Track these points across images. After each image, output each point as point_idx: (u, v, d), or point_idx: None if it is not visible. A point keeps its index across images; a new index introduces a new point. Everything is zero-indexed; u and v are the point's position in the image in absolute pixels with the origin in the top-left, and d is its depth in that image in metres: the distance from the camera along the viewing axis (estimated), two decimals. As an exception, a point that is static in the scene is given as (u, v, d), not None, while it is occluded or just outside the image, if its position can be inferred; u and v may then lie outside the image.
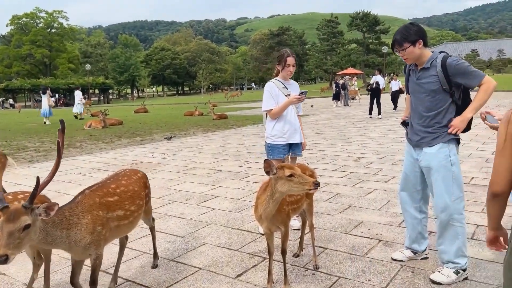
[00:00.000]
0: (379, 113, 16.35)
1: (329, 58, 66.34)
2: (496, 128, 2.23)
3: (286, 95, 4.10)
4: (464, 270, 3.03)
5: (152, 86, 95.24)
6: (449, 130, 3.00)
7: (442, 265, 3.12)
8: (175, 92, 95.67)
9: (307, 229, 3.57)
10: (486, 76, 2.96)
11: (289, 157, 3.73)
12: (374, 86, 16.61)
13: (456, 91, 3.02)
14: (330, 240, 3.92)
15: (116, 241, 3.26)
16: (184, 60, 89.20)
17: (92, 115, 23.12)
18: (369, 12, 63.07)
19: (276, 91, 4.11)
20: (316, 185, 2.54)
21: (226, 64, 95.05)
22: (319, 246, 3.75)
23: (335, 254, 3.59)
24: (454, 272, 3.00)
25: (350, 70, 49.33)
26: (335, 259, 3.48)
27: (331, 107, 23.83)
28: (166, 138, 12.01)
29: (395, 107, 18.82)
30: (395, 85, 18.84)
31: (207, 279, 3.23)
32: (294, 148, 4.23)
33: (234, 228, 4.33)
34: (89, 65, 56.48)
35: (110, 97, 75.45)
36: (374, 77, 17.47)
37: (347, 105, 24.35)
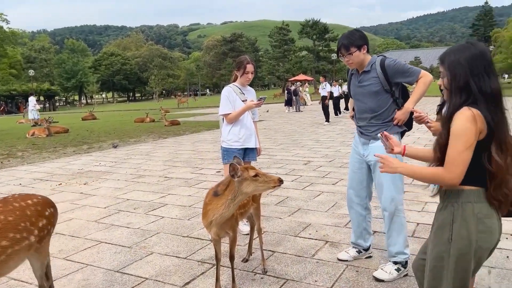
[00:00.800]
0: (327, 120, 16.41)
1: (281, 64, 67.41)
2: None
3: (243, 101, 4.14)
4: (404, 267, 3.16)
5: (101, 93, 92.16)
6: (394, 122, 3.19)
7: (386, 262, 3.25)
8: (126, 99, 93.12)
9: (255, 234, 3.58)
10: (422, 71, 3.17)
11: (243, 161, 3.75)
12: (334, 94, 18.12)
13: (396, 91, 3.21)
14: (279, 243, 3.96)
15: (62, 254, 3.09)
16: (135, 66, 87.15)
17: (35, 124, 21.96)
18: (319, 20, 64.92)
19: (234, 96, 4.14)
20: (281, 182, 2.61)
21: (179, 69, 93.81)
22: (268, 250, 3.77)
23: (284, 257, 3.63)
24: (396, 269, 3.13)
25: (302, 77, 50.45)
26: (284, 262, 3.51)
27: (284, 113, 24.18)
28: (113, 146, 11.63)
29: (336, 113, 19.40)
30: (335, 91, 19.38)
31: (153, 289, 3.15)
32: (249, 153, 4.26)
33: (183, 236, 4.26)
34: (32, 70, 53.54)
35: (57, 104, 72.10)
36: (325, 84, 17.69)
37: (299, 111, 24.81)
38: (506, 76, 58.49)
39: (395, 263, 3.17)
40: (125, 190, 6.35)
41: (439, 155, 1.89)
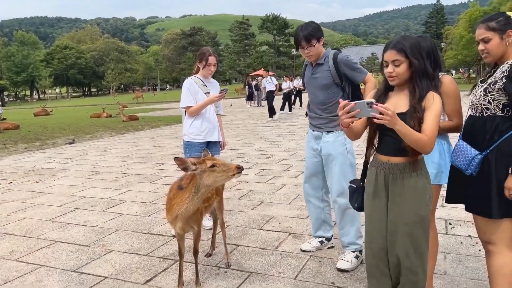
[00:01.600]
0: (271, 116, 15.69)
1: (242, 59, 67.41)
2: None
3: (205, 93, 4.03)
4: (361, 253, 3.24)
5: (54, 87, 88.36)
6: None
7: (344, 252, 3.30)
8: (81, 94, 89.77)
9: (219, 228, 3.53)
10: (368, 74, 3.26)
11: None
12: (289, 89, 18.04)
13: (346, 86, 3.26)
14: (243, 236, 3.93)
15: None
16: (90, 60, 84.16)
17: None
18: (279, 16, 65.32)
19: (195, 88, 4.03)
20: (240, 169, 2.53)
21: (137, 64, 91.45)
22: (232, 244, 3.74)
23: (247, 250, 3.61)
24: (355, 257, 3.20)
25: (263, 72, 50.60)
26: (247, 255, 3.49)
27: (245, 108, 24.17)
28: (69, 143, 11.20)
29: (290, 109, 18.92)
30: (286, 86, 18.87)
31: (113, 288, 3.03)
32: (212, 146, 4.15)
33: (143, 233, 4.14)
34: (-23, 63, 50.56)
35: (6, 99, 68.41)
36: (271, 78, 17.26)
37: (261, 105, 24.88)
38: (454, 72, 61.37)
39: (353, 251, 3.24)
40: (82, 188, 6.10)
41: (418, 129, 2.06)
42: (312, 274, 3.12)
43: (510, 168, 2.09)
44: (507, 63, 2.18)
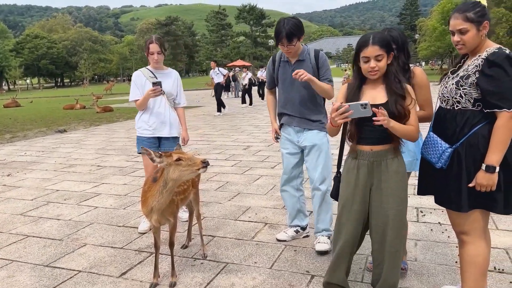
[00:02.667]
0: (219, 110, 14.94)
1: (219, 50, 66.91)
2: None
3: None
4: (329, 238, 3.39)
5: (25, 78, 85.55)
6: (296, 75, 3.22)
7: (317, 238, 3.40)
8: (54, 84, 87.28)
9: (195, 220, 3.53)
10: (332, 83, 3.31)
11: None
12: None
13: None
14: (219, 227, 3.94)
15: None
16: (63, 49, 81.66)
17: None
18: (255, 6, 64.95)
19: (142, 81, 3.85)
20: (205, 163, 2.51)
21: (111, 54, 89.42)
22: (208, 235, 3.75)
23: (224, 241, 3.62)
24: (327, 237, 3.35)
25: (240, 62, 50.31)
26: (224, 246, 3.51)
27: (222, 98, 24.00)
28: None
29: (250, 102, 18.18)
30: (246, 78, 18.39)
31: (87, 281, 3.00)
32: (164, 142, 3.95)
33: (118, 226, 4.10)
34: None
35: (-27, 90, 65.85)
36: (218, 69, 15.49)
37: (238, 96, 24.79)
38: (424, 63, 62.43)
39: (326, 236, 3.39)
40: (55, 181, 5.97)
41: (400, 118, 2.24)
42: (288, 263, 3.16)
43: (482, 164, 2.09)
44: (479, 56, 2.12)
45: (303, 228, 3.62)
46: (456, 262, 3.02)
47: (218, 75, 15.05)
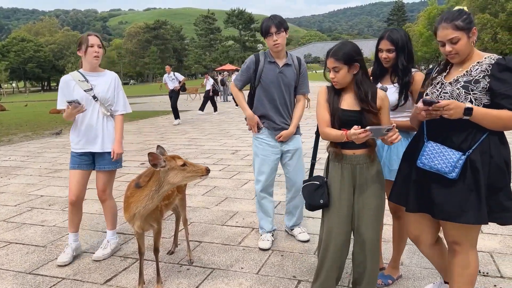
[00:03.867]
0: (176, 117, 13.74)
1: (208, 54, 66.91)
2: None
3: (86, 91, 3.29)
4: None
5: (11, 82, 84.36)
6: (276, 137, 3.45)
7: (294, 229, 3.68)
8: (40, 88, 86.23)
9: (181, 225, 3.50)
10: (306, 96, 3.48)
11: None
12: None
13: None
14: (206, 233, 3.91)
15: None
16: (50, 53, 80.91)
17: None
18: (244, 10, 65.12)
19: (71, 87, 3.30)
20: (208, 171, 2.57)
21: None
22: (195, 240, 3.72)
23: (210, 246, 3.60)
24: (304, 227, 3.72)
25: (228, 66, 50.39)
26: (210, 252, 3.48)
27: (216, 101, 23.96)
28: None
29: (215, 109, 17.14)
30: (208, 85, 17.25)
31: (71, 289, 2.95)
32: (97, 158, 3.42)
33: (104, 232, 4.03)
34: None
35: (-43, 94, 64.64)
36: (173, 74, 13.58)
37: (226, 101, 24.79)
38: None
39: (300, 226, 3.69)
40: (39, 186, 5.87)
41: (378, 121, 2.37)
42: (274, 268, 3.15)
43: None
44: (480, 62, 2.10)
45: (274, 230, 3.72)
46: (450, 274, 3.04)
47: (173, 80, 13.38)
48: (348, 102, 2.36)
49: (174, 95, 13.58)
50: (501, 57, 2.09)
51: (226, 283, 2.95)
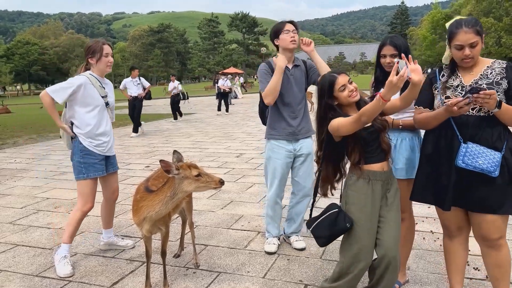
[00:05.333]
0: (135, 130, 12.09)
1: (212, 57, 67.03)
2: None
3: (102, 97, 3.40)
4: None
5: (15, 84, 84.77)
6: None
7: (298, 236, 3.63)
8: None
9: (187, 228, 3.51)
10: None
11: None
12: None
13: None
14: (212, 236, 3.92)
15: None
16: (54, 56, 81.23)
17: None
18: (248, 14, 65.26)
19: (90, 89, 3.34)
20: (222, 183, 2.55)
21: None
22: (201, 244, 3.72)
23: (216, 250, 3.60)
24: (301, 236, 3.68)
25: (232, 70, 50.45)
26: (216, 255, 3.49)
27: (215, 106, 24.02)
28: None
29: (176, 116, 15.40)
30: (172, 87, 15.09)
31: (78, 292, 2.96)
32: (110, 161, 3.61)
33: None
34: None
35: (-38, 96, 65.00)
36: (139, 79, 11.82)
37: (230, 104, 24.80)
38: None
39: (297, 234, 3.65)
40: (45, 188, 5.90)
41: None
42: (281, 272, 3.15)
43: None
44: (489, 66, 2.25)
45: (281, 235, 3.73)
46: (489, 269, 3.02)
47: (138, 85, 11.58)
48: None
49: (138, 104, 11.58)
50: (509, 63, 2.23)
51: (233, 286, 2.95)
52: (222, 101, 18.22)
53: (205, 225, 4.23)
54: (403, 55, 2.12)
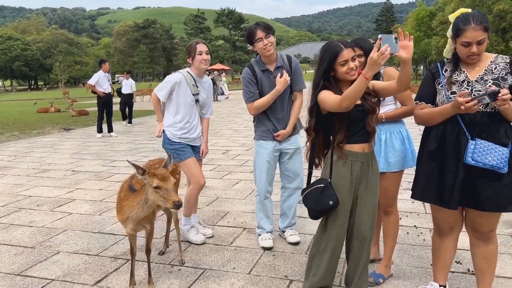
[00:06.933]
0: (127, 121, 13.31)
1: (198, 53, 66.40)
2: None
3: (194, 94, 3.57)
4: None
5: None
6: (275, 135, 3.42)
7: (286, 231, 3.63)
8: (27, 87, 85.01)
9: (173, 226, 3.48)
10: (305, 87, 3.34)
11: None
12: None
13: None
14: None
15: None
16: (37, 52, 79.70)
17: None
18: (234, 10, 64.97)
19: (183, 88, 3.53)
20: (176, 205, 2.34)
21: (87, 56, 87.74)
22: (186, 241, 3.70)
23: (202, 247, 3.58)
24: (295, 230, 3.69)
25: (219, 66, 50.20)
26: (202, 252, 3.47)
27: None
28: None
29: (128, 118, 13.41)
30: (127, 87, 13.08)
31: (60, 290, 2.91)
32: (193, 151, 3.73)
33: (94, 232, 4.00)
34: None
35: None
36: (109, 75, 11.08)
37: (217, 100, 24.72)
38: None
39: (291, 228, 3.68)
40: (27, 186, 5.80)
41: None
42: (266, 268, 3.15)
43: None
44: (492, 62, 2.23)
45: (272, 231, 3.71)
46: (431, 264, 3.07)
47: (109, 81, 10.92)
48: None
49: (110, 101, 10.86)
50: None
51: (218, 283, 2.94)
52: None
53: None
54: (399, 29, 2.07)
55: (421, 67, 56.66)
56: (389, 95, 2.42)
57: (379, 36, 2.00)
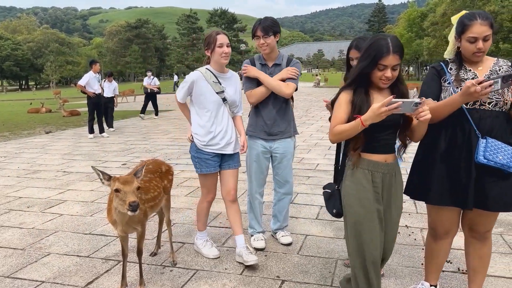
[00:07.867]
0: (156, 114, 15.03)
1: (190, 53, 66.38)
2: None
3: (218, 93, 3.19)
4: None
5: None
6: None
7: (284, 231, 3.64)
8: (18, 87, 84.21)
9: (165, 226, 3.47)
10: (295, 86, 3.31)
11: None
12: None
13: None
14: (189, 234, 3.89)
15: None
16: (28, 51, 79.03)
17: None
18: (227, 10, 64.97)
19: (202, 88, 3.20)
20: (132, 206, 2.31)
21: (79, 56, 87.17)
22: (178, 242, 3.69)
23: (194, 247, 3.57)
24: (287, 231, 3.69)
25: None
26: (194, 253, 3.46)
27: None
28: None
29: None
30: (109, 89, 12.20)
31: (51, 292, 2.89)
32: (227, 159, 3.34)
33: (85, 234, 3.97)
34: None
35: None
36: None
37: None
38: None
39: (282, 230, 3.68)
40: (17, 187, 5.74)
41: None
42: (258, 268, 3.15)
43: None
44: (496, 63, 2.25)
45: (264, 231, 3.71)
46: (422, 264, 3.09)
47: (99, 82, 10.71)
48: (380, 101, 2.00)
49: (100, 102, 10.75)
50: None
51: (210, 284, 2.94)
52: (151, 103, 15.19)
53: (183, 222, 4.20)
54: (423, 98, 1.99)
55: (411, 68, 57.01)
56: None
57: (400, 100, 1.93)
